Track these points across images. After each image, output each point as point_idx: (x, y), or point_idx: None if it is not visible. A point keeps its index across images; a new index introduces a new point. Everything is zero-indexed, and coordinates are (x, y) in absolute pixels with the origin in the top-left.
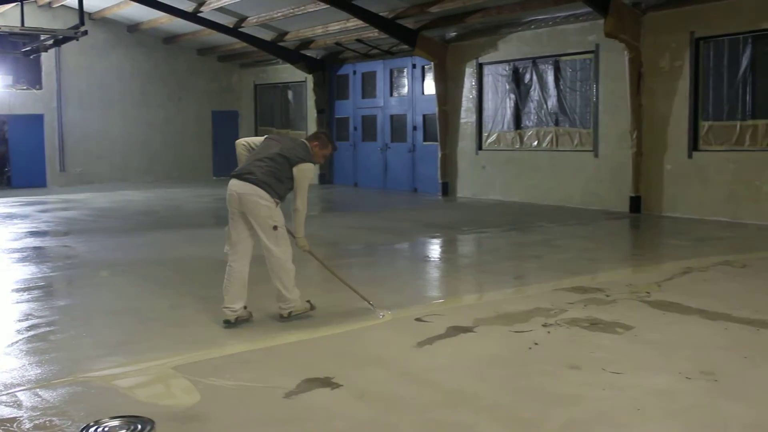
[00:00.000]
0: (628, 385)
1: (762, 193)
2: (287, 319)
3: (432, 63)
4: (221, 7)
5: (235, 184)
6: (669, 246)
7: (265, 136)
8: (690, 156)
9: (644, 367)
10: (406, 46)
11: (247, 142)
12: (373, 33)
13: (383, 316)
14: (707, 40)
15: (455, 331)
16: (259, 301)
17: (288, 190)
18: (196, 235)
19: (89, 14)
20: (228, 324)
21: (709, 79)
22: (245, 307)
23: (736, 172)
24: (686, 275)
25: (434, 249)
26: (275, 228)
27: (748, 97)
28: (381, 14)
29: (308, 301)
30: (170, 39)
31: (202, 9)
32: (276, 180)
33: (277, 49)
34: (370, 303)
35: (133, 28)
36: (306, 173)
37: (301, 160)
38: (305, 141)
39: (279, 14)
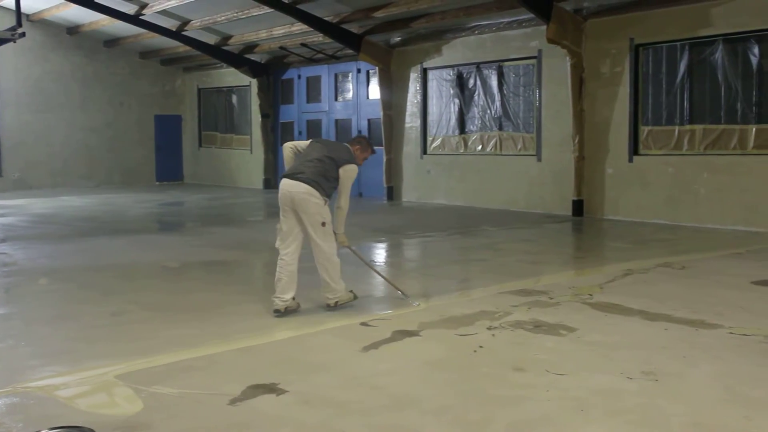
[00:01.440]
0: (572, 386)
1: (699, 196)
2: (334, 308)
3: (377, 68)
4: (164, 10)
5: (287, 184)
6: (610, 248)
7: (310, 140)
8: (630, 160)
9: (587, 368)
10: (350, 51)
11: (294, 146)
12: (317, 37)
13: (418, 304)
14: (646, 47)
15: (401, 335)
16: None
17: (333, 189)
18: (139, 240)
19: (27, 16)
20: (278, 313)
21: (649, 85)
22: (293, 298)
23: (674, 175)
24: (627, 277)
25: (379, 253)
26: (323, 224)
27: (685, 103)
28: (326, 19)
29: (351, 291)
30: (111, 42)
31: (144, 12)
32: (324, 179)
33: (220, 53)
34: (403, 294)
35: (72, 30)
36: (351, 174)
37: (347, 161)
38: (348, 145)
39: (223, 18)
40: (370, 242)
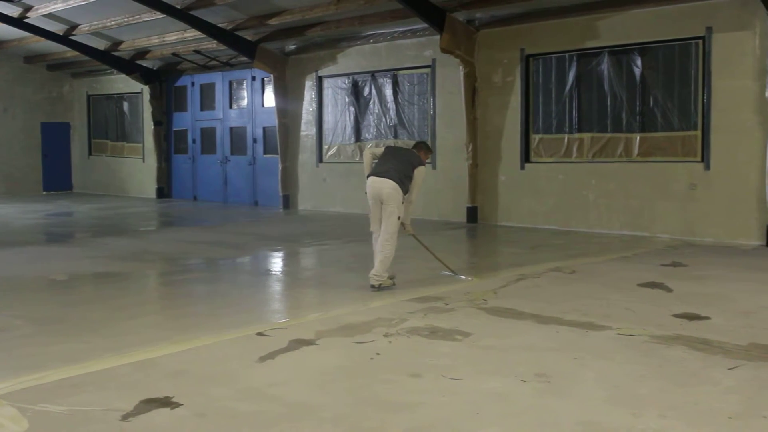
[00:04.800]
0: (467, 390)
1: (588, 202)
2: (377, 289)
3: (272, 75)
4: (50, 14)
5: (376, 180)
6: (504, 254)
7: (385, 146)
8: (522, 167)
9: (482, 372)
10: (245, 58)
11: (372, 152)
12: (211, 44)
13: (471, 279)
14: (536, 57)
15: (297, 344)
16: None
17: (408, 185)
18: (24, 252)
19: None
20: (374, 288)
21: (539, 95)
22: (389, 277)
23: (564, 182)
24: (520, 282)
25: (276, 262)
26: (398, 218)
27: (574, 112)
28: (219, 25)
29: (392, 279)
30: None
31: (28, 15)
32: (405, 177)
33: (110, 58)
34: (454, 273)
35: None
36: (423, 173)
37: (420, 163)
38: (414, 150)
39: (112, 23)
40: (266, 251)
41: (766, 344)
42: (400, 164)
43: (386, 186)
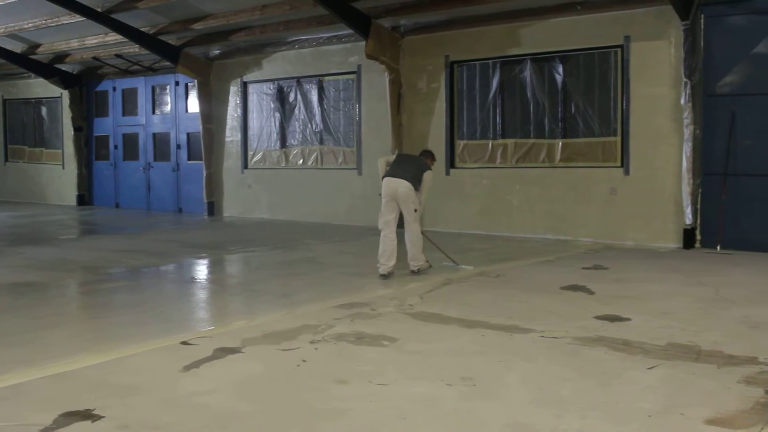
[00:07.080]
0: (394, 395)
1: (512, 206)
2: (417, 273)
3: (196, 81)
4: None
5: (392, 181)
6: (430, 259)
7: (396, 153)
8: (447, 173)
9: (408, 377)
10: (168, 63)
11: (386, 159)
12: (133, 48)
13: (472, 268)
14: (461, 64)
15: (222, 352)
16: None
17: (419, 185)
18: None
19: None
20: (384, 277)
21: (464, 101)
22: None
23: (489, 187)
24: (446, 286)
25: (201, 270)
26: (415, 210)
27: (498, 118)
28: (142, 29)
29: (427, 261)
30: None
31: None
32: (416, 179)
33: (28, 62)
34: (454, 261)
35: None
36: (430, 177)
37: (427, 168)
38: (421, 157)
39: (29, 25)
40: (190, 259)
41: (684, 344)
42: (412, 167)
43: (402, 185)
